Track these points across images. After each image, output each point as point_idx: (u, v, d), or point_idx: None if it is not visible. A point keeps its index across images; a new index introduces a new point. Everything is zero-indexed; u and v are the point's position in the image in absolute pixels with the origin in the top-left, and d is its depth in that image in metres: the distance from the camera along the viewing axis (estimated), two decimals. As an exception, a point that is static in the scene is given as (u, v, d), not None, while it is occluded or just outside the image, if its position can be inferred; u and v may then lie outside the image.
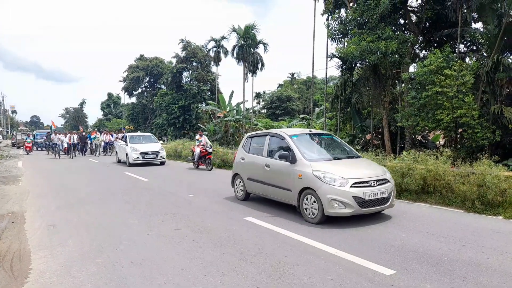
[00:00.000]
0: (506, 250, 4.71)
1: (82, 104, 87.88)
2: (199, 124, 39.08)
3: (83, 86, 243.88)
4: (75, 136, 24.67)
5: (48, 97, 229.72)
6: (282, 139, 7.14)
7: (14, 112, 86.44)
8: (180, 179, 12.71)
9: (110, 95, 75.56)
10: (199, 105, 42.10)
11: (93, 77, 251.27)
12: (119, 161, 19.11)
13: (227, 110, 36.46)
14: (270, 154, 7.32)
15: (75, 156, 23.35)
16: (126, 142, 17.94)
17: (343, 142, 7.89)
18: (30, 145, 29.45)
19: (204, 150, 15.22)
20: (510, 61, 14.06)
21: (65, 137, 24.32)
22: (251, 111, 37.84)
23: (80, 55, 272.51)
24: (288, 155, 6.66)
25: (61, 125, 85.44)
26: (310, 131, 7.77)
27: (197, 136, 16.21)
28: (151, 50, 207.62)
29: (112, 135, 26.31)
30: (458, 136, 14.75)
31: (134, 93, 54.75)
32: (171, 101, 40.80)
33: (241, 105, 36.65)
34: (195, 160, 15.67)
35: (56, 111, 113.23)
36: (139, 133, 23.98)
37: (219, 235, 5.53)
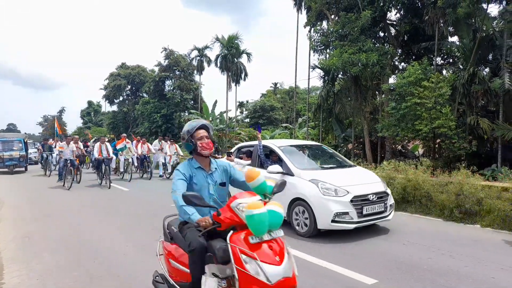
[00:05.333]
0: (484, 258, 4.81)
1: (61, 112, 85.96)
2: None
3: (62, 93, 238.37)
4: (109, 146, 13.29)
5: (25, 104, 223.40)
6: None
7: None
8: None
9: (90, 103, 74.13)
10: (182, 114, 41.81)
11: (73, 84, 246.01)
12: None
13: (210, 119, 36.31)
14: None
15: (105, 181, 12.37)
16: (285, 168, 6.26)
17: None
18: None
19: None
20: (485, 73, 14.61)
21: (92, 146, 15.26)
22: (234, 120, 37.80)
23: (60, 62, 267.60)
24: None
25: (39, 133, 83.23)
26: None
27: None
28: (133, 58, 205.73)
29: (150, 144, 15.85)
30: (437, 146, 15.14)
31: (115, 101, 53.86)
32: (153, 109, 40.40)
33: (224, 114, 36.60)
34: None
35: (34, 119, 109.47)
36: (292, 140, 11.29)
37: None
